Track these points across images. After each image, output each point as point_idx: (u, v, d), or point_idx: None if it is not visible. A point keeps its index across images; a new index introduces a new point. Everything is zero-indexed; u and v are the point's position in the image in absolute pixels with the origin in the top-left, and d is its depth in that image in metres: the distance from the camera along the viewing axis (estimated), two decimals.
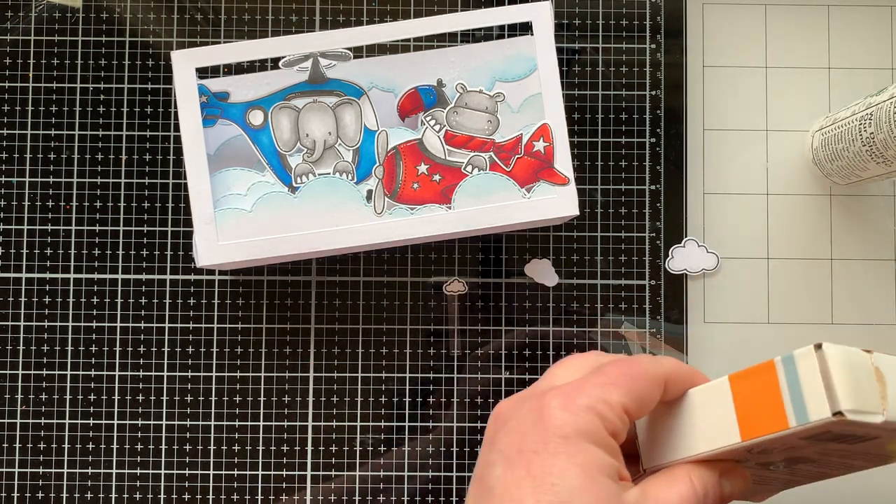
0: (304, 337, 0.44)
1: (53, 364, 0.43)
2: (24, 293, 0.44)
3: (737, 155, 0.45)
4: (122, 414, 0.43)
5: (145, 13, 0.45)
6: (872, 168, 0.40)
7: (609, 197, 0.44)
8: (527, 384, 0.43)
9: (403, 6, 0.45)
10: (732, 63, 0.46)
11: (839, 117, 0.42)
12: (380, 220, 0.38)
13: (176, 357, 0.43)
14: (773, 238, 0.45)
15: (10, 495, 0.43)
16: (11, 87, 0.44)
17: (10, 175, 0.44)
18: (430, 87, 0.39)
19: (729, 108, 0.45)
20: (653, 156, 0.45)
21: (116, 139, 0.44)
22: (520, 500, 0.25)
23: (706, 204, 0.45)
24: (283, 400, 0.43)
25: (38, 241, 0.44)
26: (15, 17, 0.44)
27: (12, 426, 0.43)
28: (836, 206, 0.45)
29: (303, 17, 0.45)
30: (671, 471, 0.29)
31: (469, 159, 0.39)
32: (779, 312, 0.45)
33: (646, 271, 0.44)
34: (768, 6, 0.46)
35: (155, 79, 0.44)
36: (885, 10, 0.46)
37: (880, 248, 0.45)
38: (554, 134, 0.39)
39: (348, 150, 0.39)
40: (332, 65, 0.39)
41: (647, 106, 0.45)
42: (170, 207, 0.44)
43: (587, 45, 0.45)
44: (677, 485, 0.28)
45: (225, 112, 0.38)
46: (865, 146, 0.39)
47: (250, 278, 0.44)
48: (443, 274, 0.44)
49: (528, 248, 0.44)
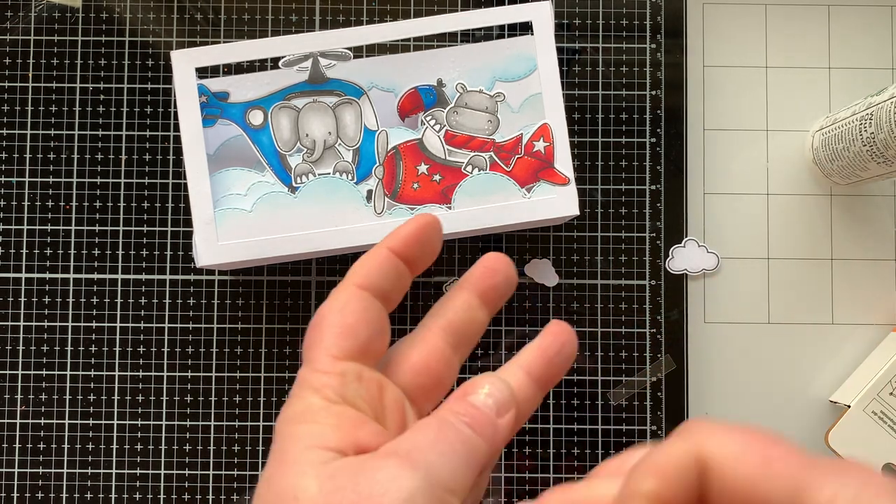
0: (303, 337, 0.44)
1: (53, 364, 0.43)
2: (23, 293, 0.44)
3: (737, 155, 0.45)
4: (122, 414, 0.43)
5: (145, 13, 0.45)
6: (873, 168, 0.40)
7: (609, 197, 0.44)
8: None
9: (403, 6, 0.45)
10: (732, 63, 0.46)
11: (839, 117, 0.42)
12: (380, 220, 0.38)
13: (176, 357, 0.43)
14: (773, 238, 0.45)
15: (10, 495, 0.43)
16: (11, 87, 0.44)
17: (10, 175, 0.44)
18: (430, 87, 0.39)
19: (729, 108, 0.45)
20: (653, 156, 0.45)
21: (116, 139, 0.44)
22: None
23: (706, 204, 0.45)
24: (282, 400, 0.43)
25: (38, 241, 0.44)
26: (15, 17, 0.44)
27: (12, 426, 0.43)
28: (836, 206, 0.45)
29: (303, 17, 0.45)
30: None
31: (469, 159, 0.39)
32: (779, 312, 0.45)
33: (646, 271, 0.44)
34: (768, 6, 0.46)
35: (155, 79, 0.44)
36: (885, 10, 0.46)
37: (880, 248, 0.45)
38: (554, 134, 0.39)
39: (348, 150, 0.39)
40: (332, 65, 0.39)
41: (647, 106, 0.45)
42: (170, 207, 0.44)
43: (587, 45, 0.45)
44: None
45: (225, 112, 0.38)
46: (866, 146, 0.39)
47: (250, 278, 0.44)
48: (443, 274, 0.44)
49: (528, 248, 0.44)
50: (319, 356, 0.24)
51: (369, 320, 0.24)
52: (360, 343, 0.24)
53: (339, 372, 0.23)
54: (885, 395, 0.40)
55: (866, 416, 0.40)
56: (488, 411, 0.23)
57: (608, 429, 0.44)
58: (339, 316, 0.24)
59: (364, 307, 0.24)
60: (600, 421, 0.44)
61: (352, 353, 0.24)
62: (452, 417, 0.22)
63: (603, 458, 0.44)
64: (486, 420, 0.23)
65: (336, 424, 0.22)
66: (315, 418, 0.22)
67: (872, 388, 0.40)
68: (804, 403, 0.45)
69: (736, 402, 0.44)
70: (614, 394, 0.44)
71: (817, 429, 0.44)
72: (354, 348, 0.24)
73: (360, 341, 0.24)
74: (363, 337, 0.24)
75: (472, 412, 0.23)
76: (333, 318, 0.24)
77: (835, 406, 0.44)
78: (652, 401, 0.44)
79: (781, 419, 0.44)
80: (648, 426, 0.43)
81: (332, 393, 0.23)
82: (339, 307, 0.24)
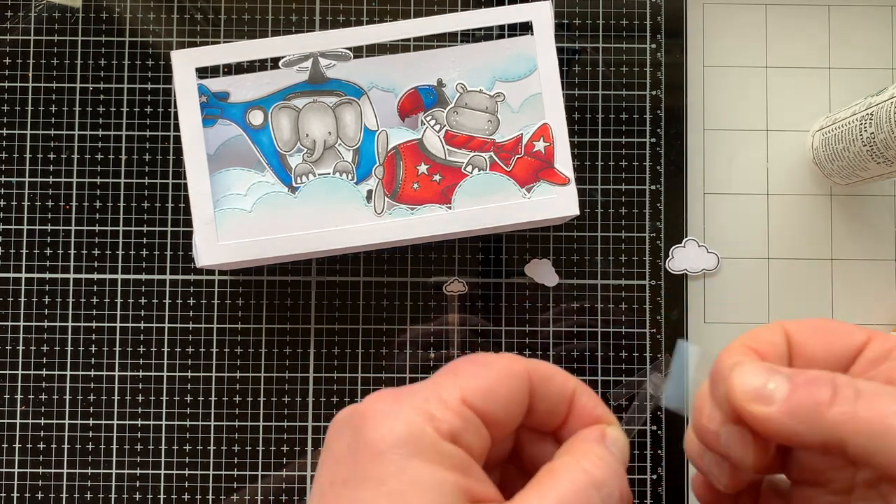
0: (304, 337, 0.44)
1: (53, 364, 0.43)
2: (23, 293, 0.44)
3: (737, 155, 0.45)
4: (122, 414, 0.43)
5: (145, 13, 0.45)
6: (873, 168, 0.40)
7: (609, 197, 0.44)
8: None
9: (403, 6, 0.45)
10: (732, 63, 0.46)
11: (839, 117, 0.42)
12: (380, 221, 0.38)
13: (176, 357, 0.43)
14: (773, 238, 0.45)
15: (10, 495, 0.43)
16: (11, 87, 0.44)
17: (10, 175, 0.44)
18: (430, 87, 0.39)
19: (729, 108, 0.45)
20: (653, 156, 0.45)
21: (116, 139, 0.44)
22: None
23: (706, 204, 0.45)
24: (283, 400, 0.43)
25: (38, 241, 0.44)
26: (15, 17, 0.44)
27: (12, 426, 0.43)
28: (836, 206, 0.45)
29: (303, 17, 0.45)
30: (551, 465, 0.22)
31: (469, 159, 0.39)
32: (779, 312, 0.45)
33: (646, 271, 0.44)
34: (768, 6, 0.46)
35: (155, 79, 0.44)
36: (885, 10, 0.46)
37: (880, 248, 0.45)
38: (554, 134, 0.39)
39: (348, 150, 0.39)
40: (332, 65, 0.39)
41: (647, 106, 0.45)
42: (170, 207, 0.44)
43: (587, 45, 0.45)
44: (562, 478, 0.21)
45: (225, 112, 0.38)
46: (866, 146, 0.39)
47: (250, 278, 0.44)
48: (443, 274, 0.44)
49: (528, 248, 0.44)
50: (449, 389, 0.21)
51: (510, 411, 0.22)
52: (497, 412, 0.21)
53: (463, 415, 0.21)
54: None
55: None
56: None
57: None
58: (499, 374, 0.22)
59: (518, 394, 0.22)
60: None
61: (483, 412, 0.21)
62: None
63: None
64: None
65: (448, 466, 0.19)
66: (429, 455, 0.19)
67: None
68: None
69: None
70: (614, 394, 0.44)
71: None
72: (488, 410, 0.21)
73: (498, 414, 0.21)
74: (501, 413, 0.21)
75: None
76: (483, 377, 0.22)
77: None
78: (652, 401, 0.44)
79: None
80: (648, 426, 0.43)
81: (448, 430, 0.20)
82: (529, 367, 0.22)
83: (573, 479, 0.20)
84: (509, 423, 0.22)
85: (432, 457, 0.19)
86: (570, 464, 0.21)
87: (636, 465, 0.43)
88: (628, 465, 0.25)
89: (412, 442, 0.19)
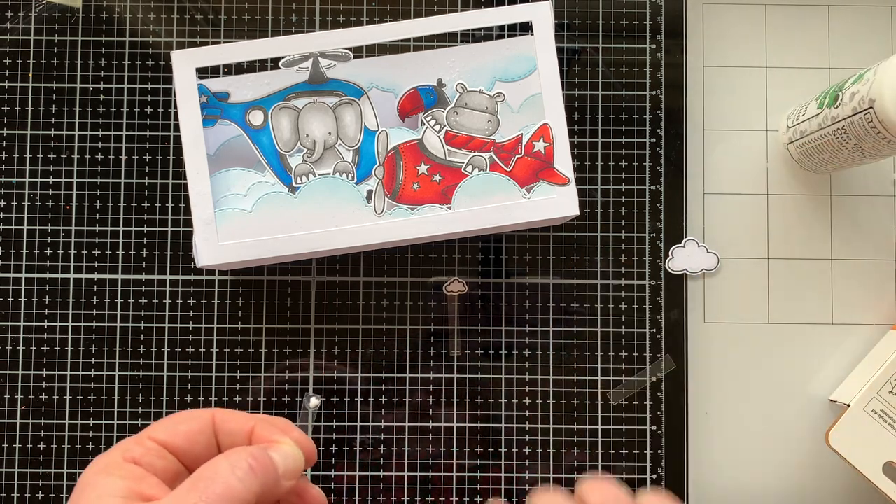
0: (304, 337, 0.44)
1: (53, 364, 0.43)
2: (24, 293, 0.44)
3: (737, 155, 0.45)
4: (122, 414, 0.43)
5: (145, 13, 0.45)
6: (851, 160, 0.40)
7: (609, 197, 0.44)
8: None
9: (403, 6, 0.45)
10: (732, 63, 0.46)
11: (805, 129, 0.42)
12: (380, 221, 0.38)
13: (176, 357, 0.43)
14: (773, 238, 0.45)
15: (10, 495, 0.43)
16: (11, 87, 0.44)
17: (10, 175, 0.44)
18: (430, 87, 0.39)
19: (729, 108, 0.45)
20: (653, 156, 0.45)
21: (116, 139, 0.44)
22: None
23: (706, 204, 0.45)
24: (282, 400, 0.43)
25: (38, 241, 0.44)
26: (15, 17, 0.44)
27: (12, 426, 0.43)
28: (836, 206, 0.45)
29: (303, 17, 0.45)
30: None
31: (469, 159, 0.39)
32: (779, 312, 0.45)
33: (646, 271, 0.44)
34: (768, 6, 0.46)
35: (155, 79, 0.44)
36: (885, 10, 0.46)
37: (880, 248, 0.45)
38: (554, 134, 0.39)
39: (348, 150, 0.39)
40: (332, 65, 0.39)
41: (647, 106, 0.45)
42: (170, 207, 0.44)
43: (587, 45, 0.45)
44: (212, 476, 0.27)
45: (225, 112, 0.38)
46: (854, 153, 0.39)
47: (250, 278, 0.44)
48: (443, 274, 0.44)
49: (528, 248, 0.44)
50: (144, 431, 0.29)
51: (194, 441, 0.29)
52: (177, 441, 0.29)
53: (145, 445, 0.28)
54: (884, 394, 0.40)
55: (866, 414, 0.40)
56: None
57: (608, 429, 0.44)
58: (173, 423, 0.29)
59: (199, 429, 0.29)
60: (600, 421, 0.44)
61: (165, 442, 0.29)
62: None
63: (603, 458, 0.44)
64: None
65: (124, 476, 0.27)
66: (111, 472, 0.27)
67: (872, 386, 0.40)
68: (804, 403, 0.45)
69: (735, 402, 0.44)
70: (614, 394, 0.44)
71: (817, 428, 0.44)
72: (169, 441, 0.29)
73: (178, 442, 0.29)
74: (181, 441, 0.29)
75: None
76: (171, 421, 0.29)
77: (835, 405, 0.44)
78: (652, 401, 0.44)
79: (781, 419, 0.45)
80: (648, 426, 0.44)
81: (131, 456, 0.28)
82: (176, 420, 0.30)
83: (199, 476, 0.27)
84: (199, 449, 0.29)
85: (113, 471, 0.27)
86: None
87: (636, 465, 0.43)
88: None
89: (104, 468, 0.27)
